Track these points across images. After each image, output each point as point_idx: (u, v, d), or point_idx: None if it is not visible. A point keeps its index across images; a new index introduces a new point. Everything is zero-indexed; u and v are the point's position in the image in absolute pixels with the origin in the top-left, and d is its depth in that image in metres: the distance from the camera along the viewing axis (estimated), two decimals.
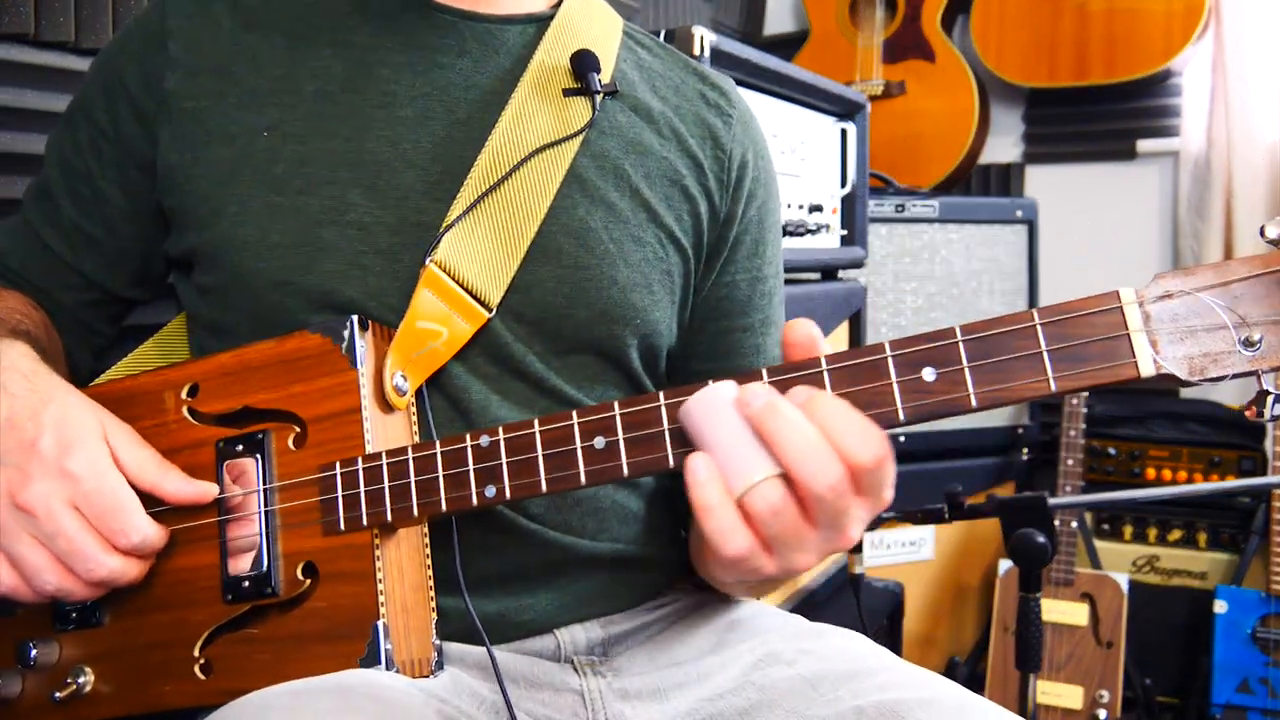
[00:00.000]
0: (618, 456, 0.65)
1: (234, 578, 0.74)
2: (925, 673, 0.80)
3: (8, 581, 0.72)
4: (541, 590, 0.83)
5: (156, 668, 0.76)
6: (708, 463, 0.59)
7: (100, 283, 0.91)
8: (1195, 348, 0.56)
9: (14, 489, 0.70)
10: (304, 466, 0.74)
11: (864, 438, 0.58)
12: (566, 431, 0.66)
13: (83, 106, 0.88)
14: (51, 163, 0.91)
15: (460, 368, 0.80)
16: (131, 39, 0.86)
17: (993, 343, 0.59)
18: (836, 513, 0.59)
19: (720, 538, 0.59)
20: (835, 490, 0.58)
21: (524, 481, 0.67)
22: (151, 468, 0.75)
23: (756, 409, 0.59)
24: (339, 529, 0.72)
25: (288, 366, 0.76)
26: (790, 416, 0.58)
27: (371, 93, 0.82)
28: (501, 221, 0.81)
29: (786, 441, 0.58)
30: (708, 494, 0.59)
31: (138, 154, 0.85)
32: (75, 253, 0.90)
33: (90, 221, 0.89)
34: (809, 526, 0.59)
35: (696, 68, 0.97)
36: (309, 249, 0.78)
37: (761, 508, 0.58)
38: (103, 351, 0.97)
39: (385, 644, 0.70)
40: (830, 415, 0.58)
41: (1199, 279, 0.57)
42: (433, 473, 0.70)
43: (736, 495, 0.59)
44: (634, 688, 0.83)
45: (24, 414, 0.72)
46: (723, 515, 0.59)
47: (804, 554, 0.61)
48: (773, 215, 0.97)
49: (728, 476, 0.59)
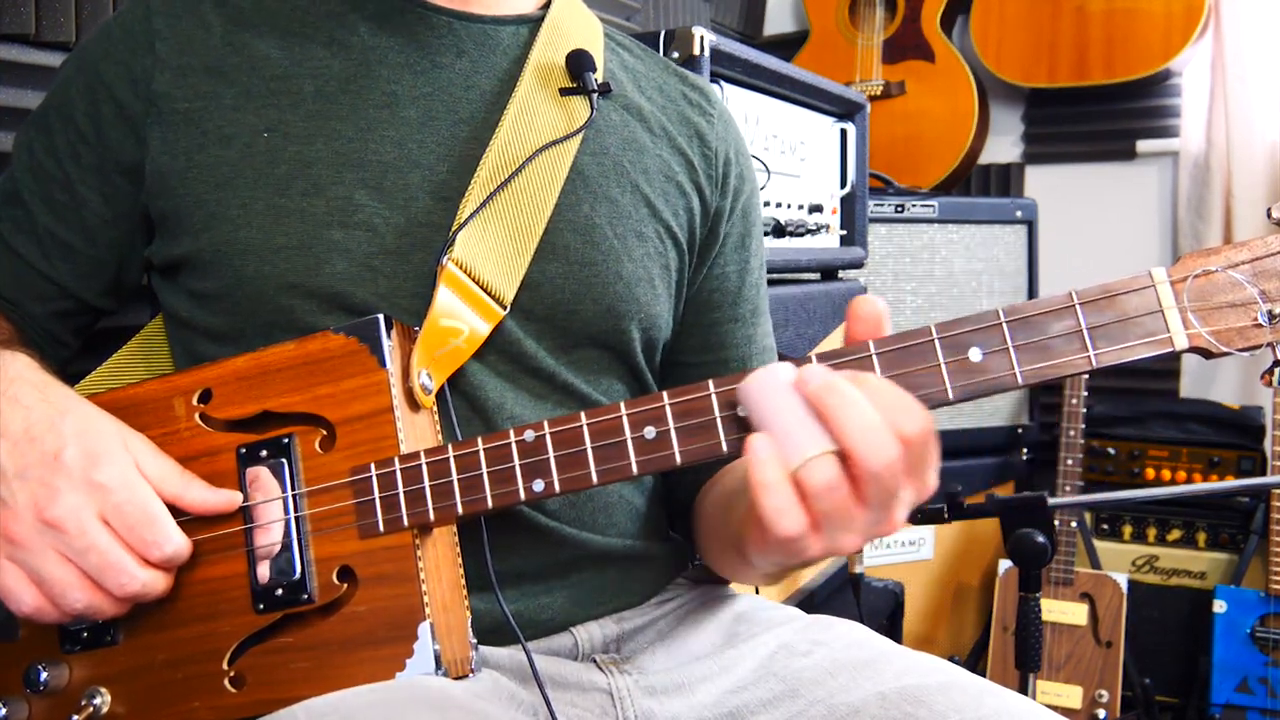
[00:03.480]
0: (670, 445, 0.66)
1: (265, 586, 0.72)
2: (936, 659, 0.82)
3: (31, 602, 0.69)
4: (558, 588, 0.84)
5: (182, 684, 0.73)
6: (767, 441, 0.60)
7: (74, 292, 0.88)
8: (1222, 322, 0.60)
9: (41, 504, 0.67)
10: (334, 470, 0.73)
11: (915, 414, 0.59)
12: (615, 423, 0.67)
13: (59, 109, 0.85)
14: (22, 167, 0.87)
15: (475, 365, 0.80)
16: (113, 40, 0.84)
17: (1035, 323, 0.62)
18: (888, 492, 0.59)
19: (776, 515, 0.60)
20: (891, 468, 0.58)
21: (574, 474, 0.68)
22: (174, 478, 0.72)
23: (814, 388, 0.60)
24: (378, 531, 0.71)
25: (311, 369, 0.74)
26: (849, 394, 0.59)
27: (373, 93, 0.82)
28: (511, 219, 0.81)
29: (845, 419, 0.58)
30: (767, 472, 0.59)
31: (122, 157, 0.83)
32: (49, 261, 0.86)
33: (66, 228, 0.85)
34: (859, 506, 0.60)
35: (676, 70, 1.00)
36: (317, 251, 0.78)
37: (816, 482, 0.59)
38: (66, 364, 0.93)
39: (434, 645, 0.69)
40: (886, 395, 0.60)
41: (1224, 258, 0.60)
42: (476, 470, 0.70)
43: (791, 469, 0.59)
44: (660, 684, 0.83)
45: (42, 426, 0.70)
46: (779, 493, 0.59)
47: (850, 535, 0.61)
48: (756, 210, 1.01)
49: (784, 452, 0.60)
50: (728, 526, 0.82)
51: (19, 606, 0.69)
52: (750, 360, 0.99)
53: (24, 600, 0.69)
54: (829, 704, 0.78)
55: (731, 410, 0.64)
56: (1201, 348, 0.60)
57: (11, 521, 0.68)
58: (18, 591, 0.69)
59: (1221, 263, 0.60)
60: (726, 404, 0.65)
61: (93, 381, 0.93)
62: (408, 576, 0.70)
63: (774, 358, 1.02)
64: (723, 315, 0.97)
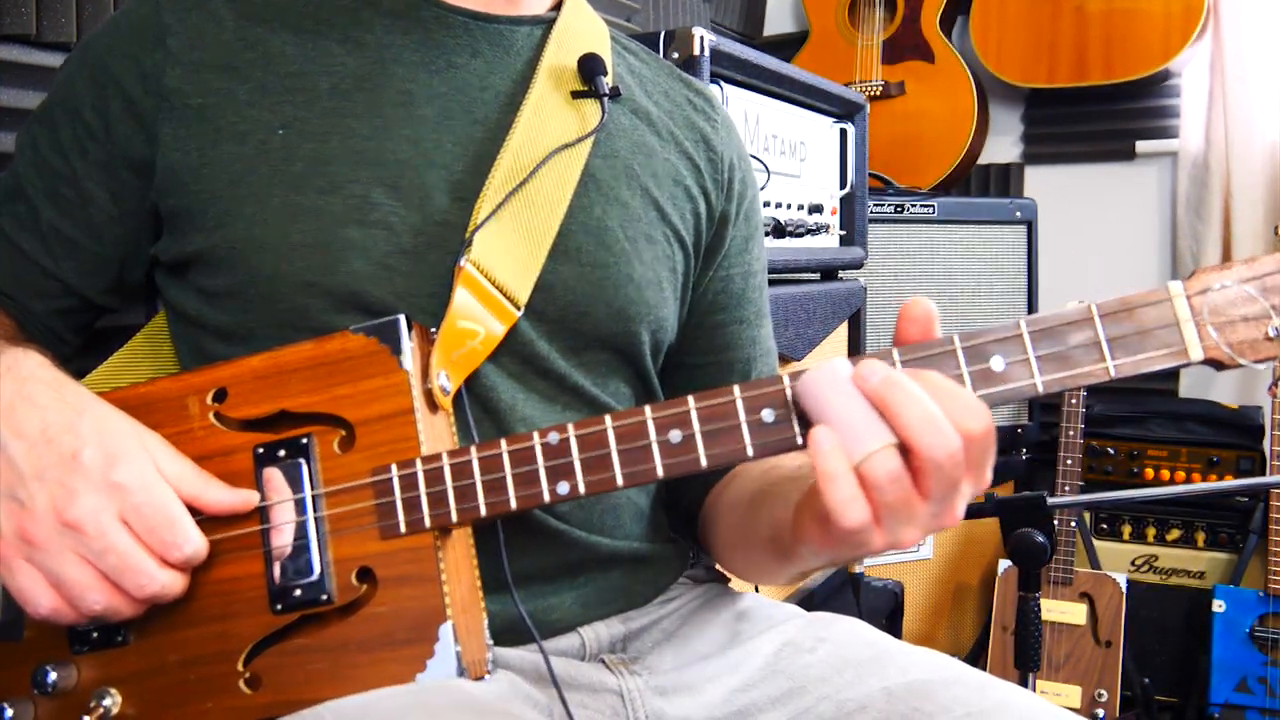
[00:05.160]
0: (695, 449, 0.66)
1: (283, 587, 0.71)
2: (938, 654, 0.83)
3: (49, 604, 0.68)
4: (566, 589, 0.84)
5: (195, 685, 0.72)
6: (830, 434, 0.61)
7: (78, 289, 0.87)
8: (1235, 335, 0.62)
9: (60, 505, 0.67)
10: (353, 470, 0.72)
11: (976, 410, 0.61)
12: (639, 427, 0.67)
13: (64, 104, 0.84)
14: (25, 163, 0.85)
15: (488, 367, 0.80)
16: (121, 34, 0.82)
17: (1055, 334, 0.63)
18: (950, 485, 0.60)
19: (842, 507, 0.60)
20: (954, 459, 0.59)
21: (599, 477, 0.68)
22: (192, 478, 0.71)
23: (875, 383, 0.60)
24: (399, 532, 0.70)
25: (330, 368, 0.73)
26: (911, 389, 0.60)
27: (389, 91, 0.82)
28: (526, 221, 0.81)
29: (909, 413, 0.59)
30: (832, 463, 0.60)
31: (131, 153, 0.81)
32: (54, 258, 0.85)
33: (71, 225, 0.84)
34: (920, 499, 0.61)
35: (680, 74, 1.01)
36: (334, 250, 0.77)
37: (880, 474, 0.59)
38: (66, 362, 0.90)
39: (456, 646, 0.69)
40: (946, 390, 0.61)
41: (1237, 273, 0.62)
42: (499, 472, 0.70)
43: (854, 462, 0.60)
44: (669, 684, 0.84)
45: (59, 426, 0.69)
46: (845, 484, 0.60)
47: (911, 528, 0.62)
48: (758, 213, 1.02)
49: (847, 446, 0.61)
50: (758, 526, 0.82)
51: (36, 608, 0.68)
52: (754, 361, 0.99)
53: (41, 602, 0.68)
54: (836, 700, 0.79)
55: (757, 414, 0.65)
56: (1216, 359, 0.62)
57: (30, 523, 0.67)
58: (35, 593, 0.68)
59: (1235, 278, 0.62)
60: (752, 408, 0.65)
61: (96, 379, 0.92)
62: (429, 577, 0.70)
63: (775, 358, 1.03)
64: (728, 317, 0.97)
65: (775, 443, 0.65)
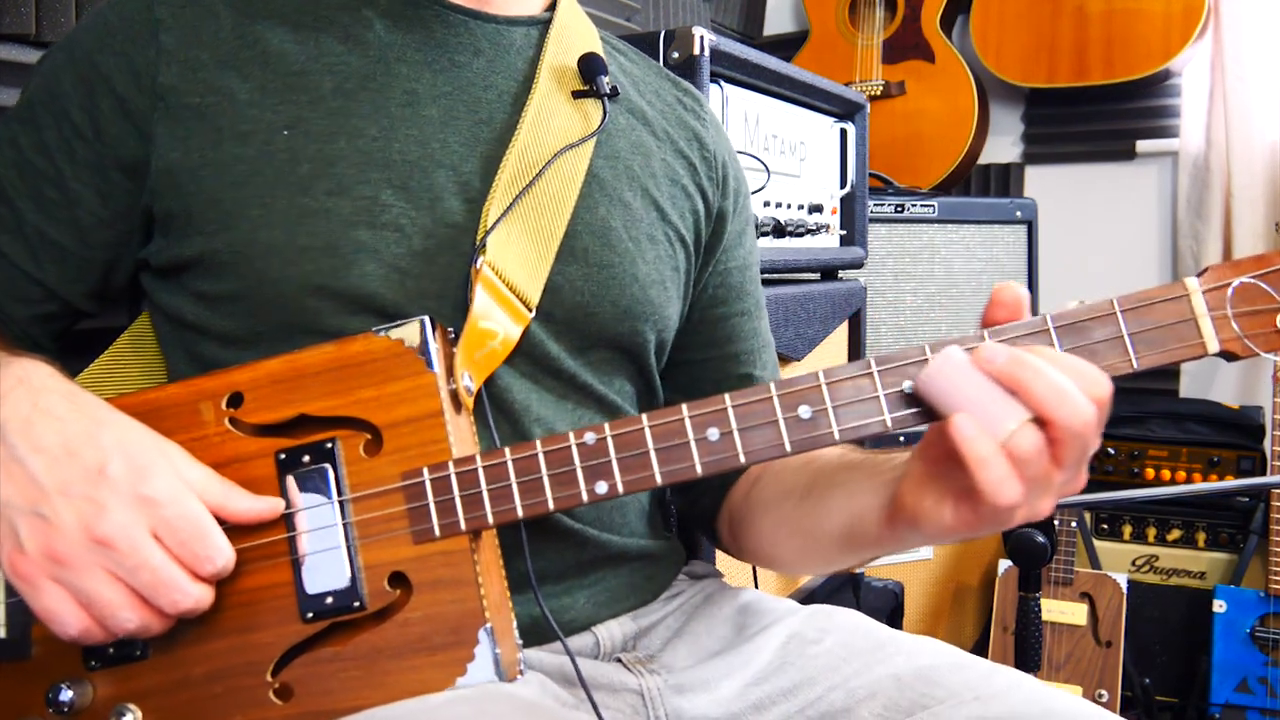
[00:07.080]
0: (734, 446, 0.67)
1: (314, 595, 0.69)
2: (940, 642, 0.85)
3: (77, 625, 0.65)
4: (578, 589, 0.85)
5: (222, 698, 0.70)
6: (971, 420, 0.61)
7: (60, 294, 0.83)
8: (1249, 328, 0.66)
9: (89, 522, 0.64)
10: (381, 474, 0.70)
11: (1098, 378, 0.63)
12: (678, 426, 0.68)
13: (47, 103, 0.80)
14: (5, 163, 0.81)
15: (503, 368, 0.79)
16: (110, 30, 0.79)
17: (1081, 329, 0.66)
18: (1082, 451, 0.62)
19: (997, 486, 0.61)
20: (1089, 426, 0.61)
21: (638, 476, 0.68)
22: (215, 487, 0.69)
23: (1003, 363, 0.62)
24: (433, 536, 0.69)
25: (353, 371, 0.71)
26: (1039, 365, 0.61)
27: (394, 91, 0.81)
28: (534, 222, 0.81)
29: (1043, 387, 0.61)
30: (981, 447, 0.61)
31: (122, 154, 0.78)
32: (37, 261, 0.81)
33: (56, 227, 0.80)
34: (1057, 469, 0.62)
35: (668, 74, 1.02)
36: (345, 252, 0.76)
37: (1025, 449, 0.61)
38: None
39: (495, 649, 0.67)
40: (1067, 362, 0.62)
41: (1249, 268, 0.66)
42: (536, 474, 0.69)
43: (1000, 441, 0.61)
44: (686, 682, 0.85)
45: (80, 439, 0.66)
46: (997, 465, 0.61)
47: (1048, 498, 0.64)
48: (749, 208, 1.04)
49: (988, 428, 0.62)
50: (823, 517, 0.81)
51: (65, 629, 0.65)
52: (756, 351, 1.00)
53: (69, 623, 0.65)
54: (846, 688, 0.81)
55: (794, 411, 0.66)
56: (1232, 351, 0.65)
57: (57, 540, 0.64)
58: (63, 614, 0.65)
59: (1248, 273, 0.66)
60: (789, 405, 0.67)
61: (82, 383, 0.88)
62: (465, 580, 0.68)
63: (773, 350, 1.04)
64: (730, 310, 0.98)
65: (812, 438, 0.66)
